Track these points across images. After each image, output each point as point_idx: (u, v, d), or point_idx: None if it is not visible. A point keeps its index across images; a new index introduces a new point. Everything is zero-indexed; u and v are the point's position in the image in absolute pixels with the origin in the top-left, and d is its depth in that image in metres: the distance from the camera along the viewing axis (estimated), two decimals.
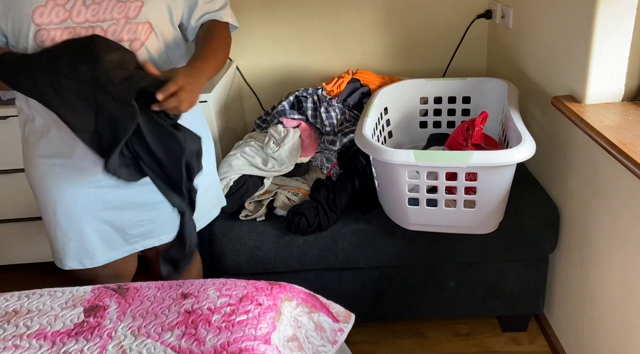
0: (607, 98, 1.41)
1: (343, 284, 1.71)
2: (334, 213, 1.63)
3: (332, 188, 1.70)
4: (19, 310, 1.14)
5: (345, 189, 1.68)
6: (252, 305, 1.09)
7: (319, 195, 1.67)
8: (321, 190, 1.68)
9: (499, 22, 2.08)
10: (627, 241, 1.29)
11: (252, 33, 2.31)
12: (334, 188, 1.70)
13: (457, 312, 1.76)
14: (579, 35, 1.42)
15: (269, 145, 1.76)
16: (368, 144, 1.48)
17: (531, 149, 1.39)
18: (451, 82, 1.94)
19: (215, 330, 1.02)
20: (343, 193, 1.67)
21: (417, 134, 1.99)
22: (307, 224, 1.60)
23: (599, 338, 1.47)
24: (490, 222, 1.55)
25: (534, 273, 1.69)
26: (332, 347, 1.15)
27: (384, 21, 2.27)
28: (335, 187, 1.70)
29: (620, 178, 1.28)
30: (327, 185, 1.72)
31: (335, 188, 1.70)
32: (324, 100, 1.89)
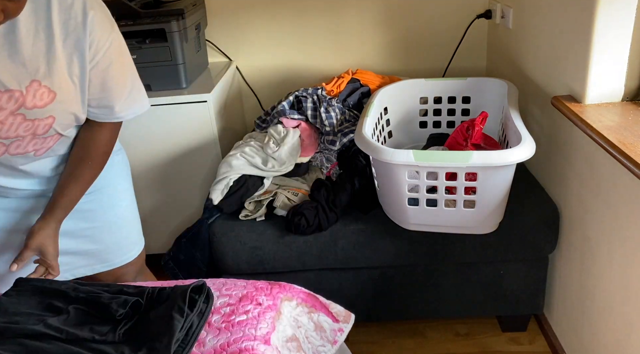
0: (607, 98, 1.41)
1: (343, 284, 1.71)
2: (334, 213, 1.63)
3: (332, 188, 1.70)
4: None
5: (345, 189, 1.68)
6: (252, 305, 1.09)
7: (319, 195, 1.67)
8: (321, 190, 1.68)
9: (499, 22, 2.08)
10: (627, 241, 1.29)
11: (252, 33, 2.31)
12: (334, 188, 1.70)
13: (457, 312, 1.76)
14: (579, 35, 1.42)
15: (268, 145, 1.76)
16: (368, 144, 1.48)
17: (531, 149, 1.39)
18: (451, 82, 1.94)
19: (215, 331, 1.02)
20: (343, 193, 1.67)
21: (417, 134, 1.99)
22: (307, 224, 1.60)
23: (598, 338, 1.47)
24: (490, 222, 1.55)
25: (533, 273, 1.69)
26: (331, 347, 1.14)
27: (384, 21, 2.27)
28: (335, 187, 1.70)
29: (620, 178, 1.28)
30: (327, 185, 1.72)
31: (335, 188, 1.70)
32: (323, 100, 1.89)
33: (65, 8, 0.98)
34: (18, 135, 1.05)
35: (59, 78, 1.02)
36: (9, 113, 1.00)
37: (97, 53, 1.04)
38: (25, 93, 1.00)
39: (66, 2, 0.99)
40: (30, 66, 0.98)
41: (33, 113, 1.03)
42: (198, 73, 2.14)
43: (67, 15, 0.99)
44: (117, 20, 1.89)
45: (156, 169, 1.98)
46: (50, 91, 1.02)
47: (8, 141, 1.05)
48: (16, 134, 1.04)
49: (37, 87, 1.00)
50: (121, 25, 1.85)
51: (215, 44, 2.32)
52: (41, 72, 1.00)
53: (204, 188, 2.01)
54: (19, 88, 0.99)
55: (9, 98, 0.99)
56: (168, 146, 1.96)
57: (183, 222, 2.03)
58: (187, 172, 1.99)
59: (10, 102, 0.99)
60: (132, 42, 1.86)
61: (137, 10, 1.91)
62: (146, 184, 2.00)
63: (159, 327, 0.97)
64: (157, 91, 1.93)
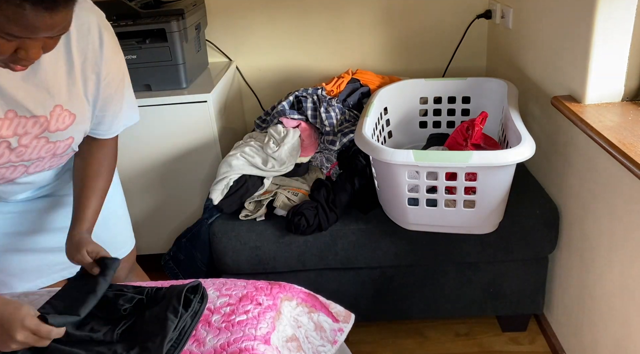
0: (606, 98, 1.41)
1: (343, 284, 1.71)
2: (334, 213, 1.63)
3: (332, 188, 1.70)
4: None
5: (345, 189, 1.68)
6: (252, 305, 1.09)
7: (319, 195, 1.67)
8: (321, 190, 1.68)
9: (499, 22, 2.08)
10: (627, 241, 1.29)
11: (252, 33, 2.31)
12: (334, 188, 1.70)
13: (457, 312, 1.76)
14: (578, 35, 1.42)
15: (268, 145, 1.77)
16: (368, 144, 1.48)
17: (531, 149, 1.39)
18: (451, 82, 1.94)
19: (215, 331, 1.02)
20: (343, 193, 1.67)
21: (416, 134, 1.99)
22: (307, 224, 1.60)
23: (598, 338, 1.47)
24: (490, 222, 1.55)
25: (533, 273, 1.69)
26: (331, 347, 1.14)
27: (384, 21, 2.27)
28: (335, 187, 1.70)
29: (619, 178, 1.28)
30: (327, 185, 1.72)
31: (335, 188, 1.70)
32: (323, 100, 1.89)
33: (83, 35, 1.02)
34: (40, 156, 1.10)
35: (78, 101, 1.07)
36: (33, 137, 1.05)
37: (108, 74, 1.08)
38: (49, 118, 1.04)
39: (83, 28, 1.02)
40: (54, 92, 1.02)
41: (55, 135, 1.07)
42: (198, 73, 2.14)
43: (85, 42, 1.03)
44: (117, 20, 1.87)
45: (156, 169, 1.98)
46: (70, 114, 1.07)
47: (29, 162, 1.10)
48: (38, 156, 1.09)
49: (59, 112, 1.05)
50: (121, 25, 1.87)
51: (215, 44, 2.32)
52: (63, 97, 1.04)
53: (204, 188, 2.01)
54: (44, 114, 1.03)
55: (34, 123, 1.03)
56: (168, 146, 1.96)
57: (183, 222, 2.03)
58: (187, 172, 1.99)
59: (35, 127, 1.04)
60: (132, 42, 1.86)
61: (137, 10, 1.91)
62: (146, 184, 2.00)
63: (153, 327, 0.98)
64: (157, 91, 1.93)
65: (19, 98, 0.98)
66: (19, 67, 0.88)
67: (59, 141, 1.09)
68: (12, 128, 1.01)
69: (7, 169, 1.08)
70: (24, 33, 0.80)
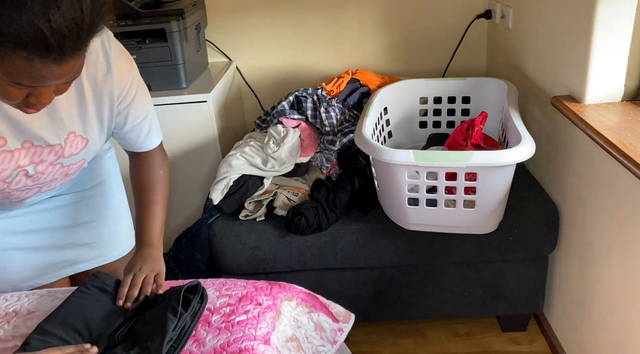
0: (606, 98, 1.41)
1: (343, 284, 1.71)
2: (334, 213, 1.63)
3: (332, 188, 1.70)
4: (19, 311, 1.13)
5: (345, 189, 1.68)
6: (252, 305, 1.09)
7: (319, 195, 1.67)
8: (321, 190, 1.68)
9: (499, 22, 2.08)
10: (627, 241, 1.29)
11: (252, 33, 2.31)
12: (334, 188, 1.70)
13: (457, 312, 1.76)
14: (578, 35, 1.42)
15: (268, 145, 1.77)
16: (368, 144, 1.48)
17: (531, 149, 1.39)
18: (451, 82, 1.94)
19: (215, 331, 1.02)
20: (343, 193, 1.67)
21: (416, 134, 1.99)
22: (307, 224, 1.60)
23: (598, 338, 1.47)
24: (490, 222, 1.55)
25: (533, 273, 1.69)
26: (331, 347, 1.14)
27: (384, 21, 2.28)
28: (335, 187, 1.70)
29: (619, 178, 1.28)
30: (327, 185, 1.72)
31: (335, 188, 1.70)
32: (323, 100, 1.89)
33: (91, 63, 1.02)
34: (54, 178, 1.13)
35: (90, 125, 1.08)
36: (48, 164, 1.07)
37: (122, 92, 1.09)
38: (64, 146, 1.06)
39: (91, 56, 1.01)
40: (67, 121, 1.04)
41: (69, 160, 1.10)
42: (198, 73, 2.14)
43: (94, 68, 1.03)
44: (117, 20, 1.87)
45: None
46: (83, 139, 1.09)
47: (43, 184, 1.13)
48: (52, 178, 1.12)
49: (73, 138, 1.07)
50: (121, 25, 1.87)
51: (215, 44, 2.32)
52: (76, 124, 1.06)
53: (204, 188, 2.01)
54: (59, 142, 1.05)
55: (50, 151, 1.05)
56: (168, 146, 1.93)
57: (183, 222, 2.03)
58: (187, 172, 1.99)
59: (51, 155, 1.06)
60: (132, 42, 1.86)
61: (137, 10, 1.91)
62: None
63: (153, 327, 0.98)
64: (157, 91, 1.93)
65: (35, 129, 1.00)
66: (31, 110, 0.90)
67: (72, 164, 1.12)
68: (28, 157, 1.03)
69: (22, 191, 1.12)
70: (34, 83, 0.81)
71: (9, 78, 0.79)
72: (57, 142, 1.05)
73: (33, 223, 1.29)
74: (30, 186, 1.11)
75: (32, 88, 0.83)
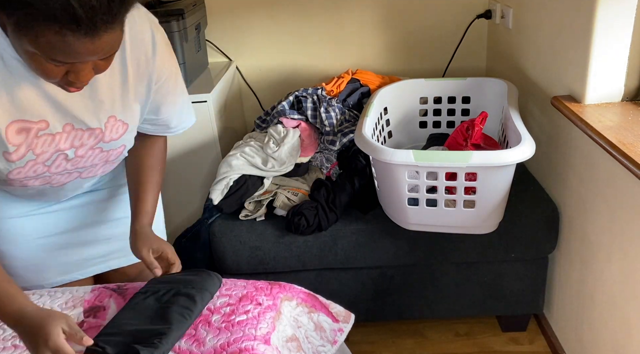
0: (606, 98, 1.41)
1: (343, 284, 1.71)
2: (334, 213, 1.63)
3: (332, 188, 1.70)
4: None
5: (345, 189, 1.68)
6: (252, 305, 1.09)
7: (319, 195, 1.67)
8: (321, 190, 1.68)
9: (499, 22, 2.08)
10: (626, 241, 1.29)
11: (252, 33, 2.31)
12: (334, 188, 1.70)
13: (457, 312, 1.76)
14: (578, 35, 1.42)
15: (268, 145, 1.77)
16: (368, 144, 1.48)
17: (531, 149, 1.39)
18: (451, 82, 1.94)
19: (215, 331, 1.02)
20: (343, 193, 1.67)
21: (416, 134, 1.99)
22: (307, 224, 1.60)
23: (598, 338, 1.47)
24: (490, 222, 1.55)
25: (533, 273, 1.69)
26: (331, 347, 1.14)
27: (384, 21, 2.27)
28: (335, 187, 1.70)
29: (619, 178, 1.28)
30: (327, 185, 1.72)
31: (335, 188, 1.70)
32: (323, 100, 1.89)
33: (137, 44, 1.01)
34: (93, 164, 1.12)
35: (130, 110, 1.07)
36: (89, 148, 1.07)
37: (160, 79, 1.09)
38: (104, 130, 1.05)
39: (137, 37, 1.01)
40: (108, 104, 1.03)
41: (109, 145, 1.09)
42: (198, 73, 2.14)
43: (139, 52, 1.02)
44: None
45: None
46: (124, 124, 1.08)
47: (83, 169, 1.12)
48: (92, 163, 1.11)
49: (113, 122, 1.06)
50: None
51: (215, 44, 2.32)
52: (117, 108, 1.05)
53: (204, 188, 2.01)
54: (99, 126, 1.04)
55: (90, 135, 1.05)
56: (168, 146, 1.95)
57: (183, 222, 2.03)
58: (187, 172, 1.99)
59: (91, 139, 1.05)
60: None
61: None
62: None
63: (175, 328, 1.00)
64: None
65: (76, 112, 1.00)
66: (73, 88, 0.89)
67: (112, 149, 1.11)
68: (69, 140, 1.03)
69: (62, 175, 1.11)
70: (69, 58, 0.80)
71: (45, 55, 0.79)
72: (98, 126, 1.04)
73: (68, 221, 1.30)
74: (70, 170, 1.10)
75: (68, 64, 0.82)
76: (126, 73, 1.02)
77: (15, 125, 0.95)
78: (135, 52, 1.01)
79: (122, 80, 1.03)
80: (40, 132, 0.98)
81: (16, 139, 0.96)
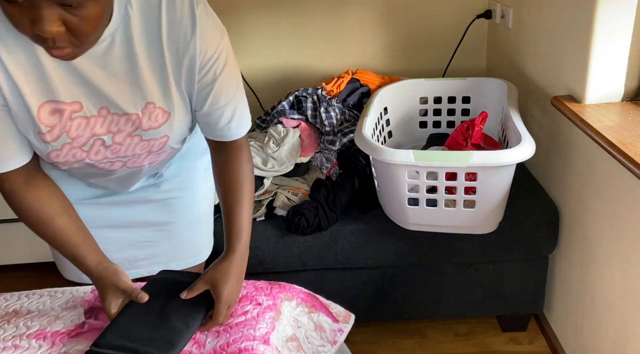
0: (606, 98, 1.41)
1: (343, 284, 1.71)
2: (334, 213, 1.63)
3: (332, 188, 1.70)
4: (19, 310, 1.13)
5: (345, 189, 1.68)
6: (252, 305, 1.09)
7: (319, 195, 1.67)
8: (321, 190, 1.68)
9: (499, 22, 2.08)
10: (626, 241, 1.29)
11: (252, 33, 2.31)
12: (334, 188, 1.70)
13: (457, 312, 1.76)
14: (578, 35, 1.42)
15: (268, 145, 1.77)
16: (368, 144, 1.48)
17: (531, 149, 1.39)
18: (451, 82, 1.94)
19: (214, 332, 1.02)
20: (343, 193, 1.67)
21: (416, 134, 1.99)
22: (307, 224, 1.60)
23: (598, 338, 1.47)
24: (490, 222, 1.55)
25: (533, 273, 1.69)
26: (331, 347, 1.14)
27: (384, 21, 2.27)
28: (335, 187, 1.70)
29: (619, 178, 1.28)
30: (327, 185, 1.72)
31: (335, 188, 1.70)
32: (323, 100, 1.89)
33: (175, 26, 0.95)
34: (135, 153, 1.07)
35: (171, 97, 1.01)
36: (126, 135, 1.02)
37: (205, 63, 0.99)
38: (141, 116, 0.99)
39: (175, 18, 0.94)
40: (145, 89, 0.98)
41: (148, 134, 1.03)
42: None
43: (177, 33, 0.95)
44: None
45: None
46: (164, 112, 1.01)
47: (126, 159, 1.08)
48: (133, 153, 1.06)
49: (152, 109, 1.00)
50: None
51: None
52: (155, 94, 0.99)
53: None
54: (136, 112, 0.99)
55: (127, 121, 0.99)
56: None
57: None
58: None
59: (128, 125, 1.00)
60: None
61: None
62: None
63: None
64: None
65: (111, 95, 0.95)
66: (55, 51, 0.83)
67: (153, 139, 1.04)
68: (105, 125, 0.99)
69: (105, 164, 1.07)
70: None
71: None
72: (134, 111, 0.98)
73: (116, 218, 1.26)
74: (111, 158, 1.05)
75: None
76: (163, 55, 0.95)
77: (47, 105, 0.93)
78: (172, 33, 0.94)
79: (160, 63, 0.96)
80: (74, 114, 0.95)
81: (49, 120, 0.94)
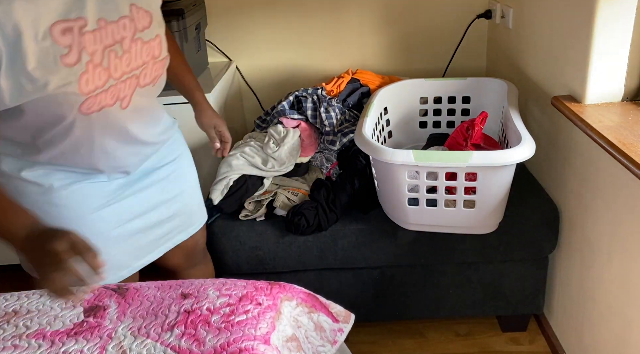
0: (606, 98, 1.41)
1: (343, 284, 1.71)
2: (334, 213, 1.63)
3: (332, 188, 1.70)
4: (19, 310, 1.13)
5: (345, 189, 1.68)
6: (252, 305, 1.09)
7: (319, 195, 1.67)
8: (321, 190, 1.68)
9: (499, 22, 2.08)
10: (626, 241, 1.29)
11: (252, 33, 2.31)
12: (334, 188, 1.70)
13: (457, 312, 1.76)
14: (578, 35, 1.42)
15: (268, 145, 1.77)
16: (368, 144, 1.48)
17: (531, 149, 1.39)
18: (451, 82, 1.94)
19: (215, 331, 1.02)
20: (343, 193, 1.67)
21: (416, 134, 1.99)
22: (307, 224, 1.60)
23: (598, 338, 1.47)
24: (490, 222, 1.55)
25: (533, 273, 1.69)
26: (331, 347, 1.14)
27: (384, 21, 2.28)
28: (335, 187, 1.70)
29: (619, 178, 1.28)
30: (327, 185, 1.72)
31: (335, 188, 1.70)
32: (323, 100, 1.89)
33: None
34: (144, 61, 1.14)
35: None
36: (130, 40, 1.09)
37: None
38: (132, 17, 1.09)
39: None
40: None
41: (145, 34, 1.12)
42: (198, 74, 2.14)
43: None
44: None
45: None
46: (146, 12, 1.13)
47: (139, 70, 1.14)
48: (142, 61, 1.13)
49: (136, 10, 1.10)
50: None
51: (215, 44, 2.32)
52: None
53: (204, 188, 2.00)
54: (127, 14, 1.08)
55: (123, 26, 1.08)
56: None
57: None
58: None
59: (126, 29, 1.08)
60: None
61: None
62: None
63: None
64: None
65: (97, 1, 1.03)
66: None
67: (151, 40, 1.14)
68: (109, 36, 1.05)
69: (124, 82, 1.11)
70: None
71: None
72: (124, 14, 1.08)
73: (139, 205, 1.33)
74: (127, 72, 1.11)
75: None
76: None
77: (58, 25, 0.97)
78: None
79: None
80: (83, 29, 1.01)
81: (64, 40, 0.98)
